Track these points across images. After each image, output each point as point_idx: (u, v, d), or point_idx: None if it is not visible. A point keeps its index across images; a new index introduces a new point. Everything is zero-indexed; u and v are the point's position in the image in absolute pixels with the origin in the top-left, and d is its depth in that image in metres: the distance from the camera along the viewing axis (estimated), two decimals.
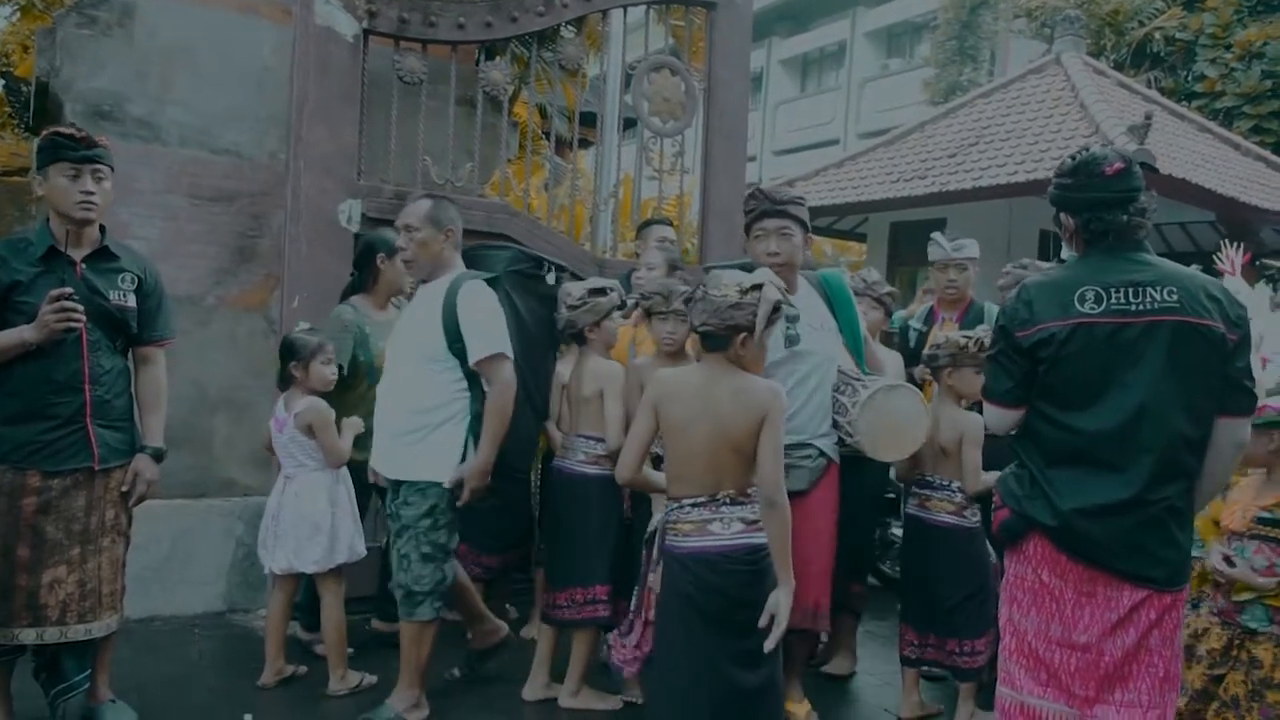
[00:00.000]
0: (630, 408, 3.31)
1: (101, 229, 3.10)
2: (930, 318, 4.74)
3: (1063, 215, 2.47)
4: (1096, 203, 2.37)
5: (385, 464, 3.44)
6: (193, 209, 4.61)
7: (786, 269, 3.31)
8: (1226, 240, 3.74)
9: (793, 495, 2.75)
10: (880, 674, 4.26)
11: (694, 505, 2.59)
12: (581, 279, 3.85)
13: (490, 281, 3.43)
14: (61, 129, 3.01)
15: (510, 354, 3.32)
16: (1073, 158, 2.47)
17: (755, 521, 2.58)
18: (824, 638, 4.17)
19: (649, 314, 3.59)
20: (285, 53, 4.69)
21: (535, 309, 3.73)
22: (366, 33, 4.58)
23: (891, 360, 4.12)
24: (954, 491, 3.64)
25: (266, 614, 3.83)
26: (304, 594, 3.90)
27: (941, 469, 3.67)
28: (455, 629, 3.85)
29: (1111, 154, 2.40)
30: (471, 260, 3.61)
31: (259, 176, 4.75)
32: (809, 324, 3.37)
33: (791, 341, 3.30)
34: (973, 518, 3.64)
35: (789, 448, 2.89)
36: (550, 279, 3.76)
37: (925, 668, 3.80)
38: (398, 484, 3.39)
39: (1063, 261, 2.63)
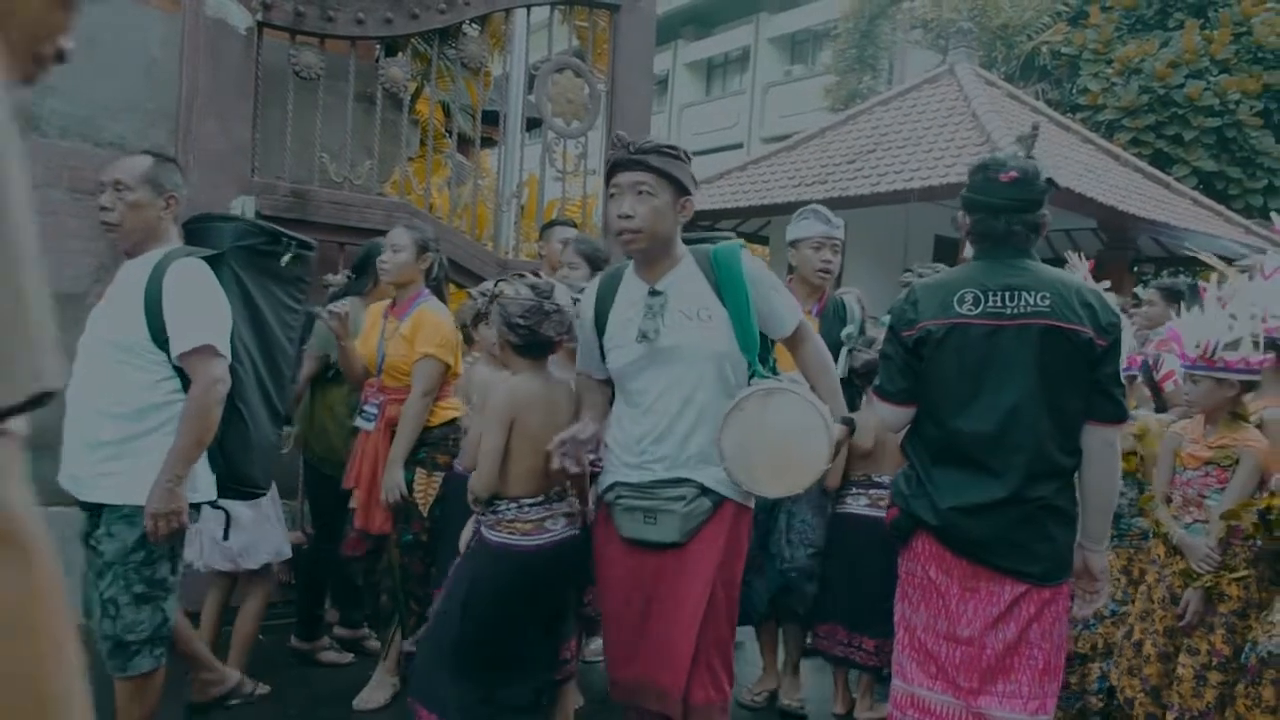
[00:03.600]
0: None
1: None
2: None
3: (960, 213, 2.56)
4: (985, 206, 2.45)
5: (78, 484, 2.69)
6: (74, 203, 4.41)
7: (647, 239, 2.49)
8: (1071, 254, 3.89)
9: (658, 549, 2.51)
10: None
11: (533, 505, 2.74)
12: (484, 278, 3.81)
13: (215, 260, 2.82)
14: None
15: (223, 348, 2.72)
16: (981, 158, 2.57)
17: (573, 514, 2.82)
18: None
19: (478, 318, 3.49)
20: (174, 44, 4.52)
21: (273, 293, 3.11)
22: (260, 25, 4.45)
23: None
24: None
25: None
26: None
27: (888, 467, 3.61)
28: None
29: (1011, 162, 2.48)
30: (190, 235, 3.01)
31: None
32: (680, 311, 2.51)
33: (644, 336, 2.51)
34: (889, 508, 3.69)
35: (651, 486, 2.52)
36: (289, 258, 3.11)
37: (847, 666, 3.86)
38: (95, 510, 2.71)
39: (963, 262, 2.72)
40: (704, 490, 2.49)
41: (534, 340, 2.75)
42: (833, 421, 2.42)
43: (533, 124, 6.42)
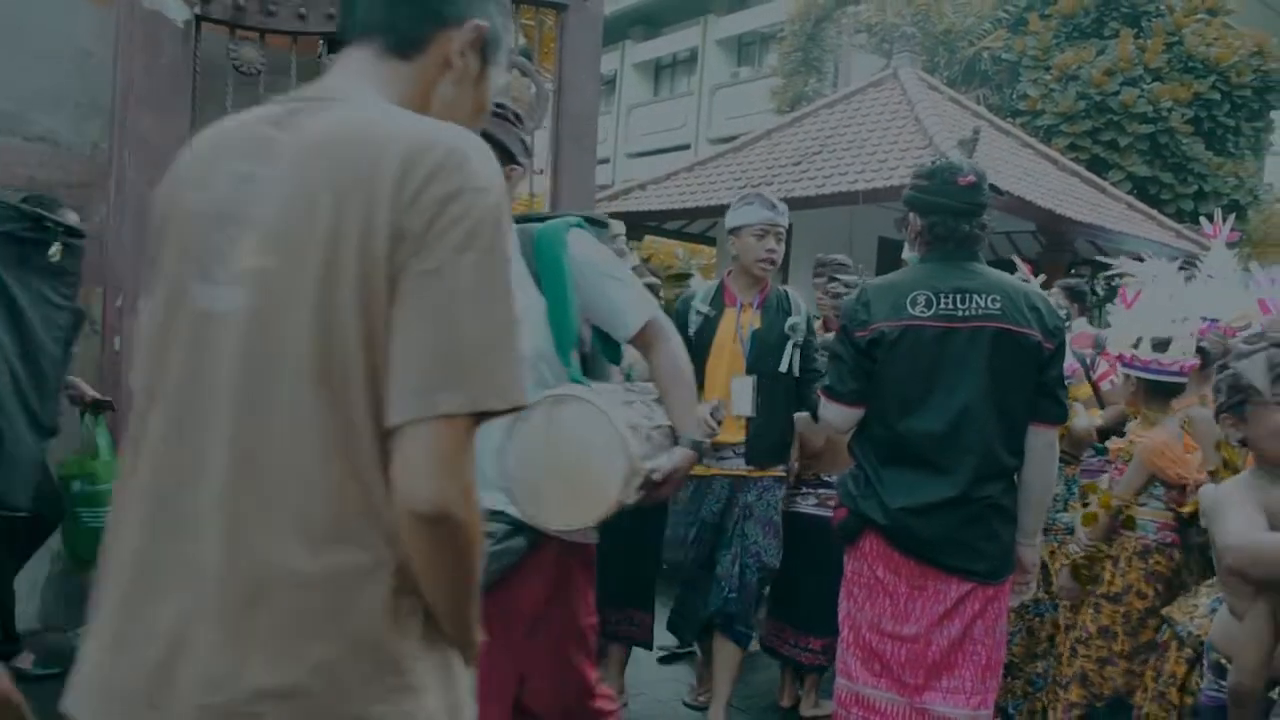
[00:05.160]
0: None
1: None
2: (720, 299, 3.63)
3: (912, 215, 2.58)
4: (945, 209, 2.49)
5: None
6: None
7: None
8: (1017, 259, 3.98)
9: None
10: None
11: None
12: None
13: None
14: None
15: None
16: (933, 162, 2.60)
17: None
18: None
19: None
20: (108, 36, 4.40)
21: (36, 288, 2.77)
22: (199, 19, 4.35)
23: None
24: None
25: None
26: None
27: (836, 467, 3.58)
28: None
29: (967, 166, 2.55)
30: None
31: (78, 166, 4.44)
32: None
33: None
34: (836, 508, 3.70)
35: None
36: (56, 249, 2.74)
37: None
38: None
39: (904, 263, 2.75)
40: (517, 527, 1.95)
41: None
42: (641, 441, 1.90)
43: None
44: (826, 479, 3.74)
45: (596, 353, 2.17)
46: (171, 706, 1.00)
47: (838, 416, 2.61)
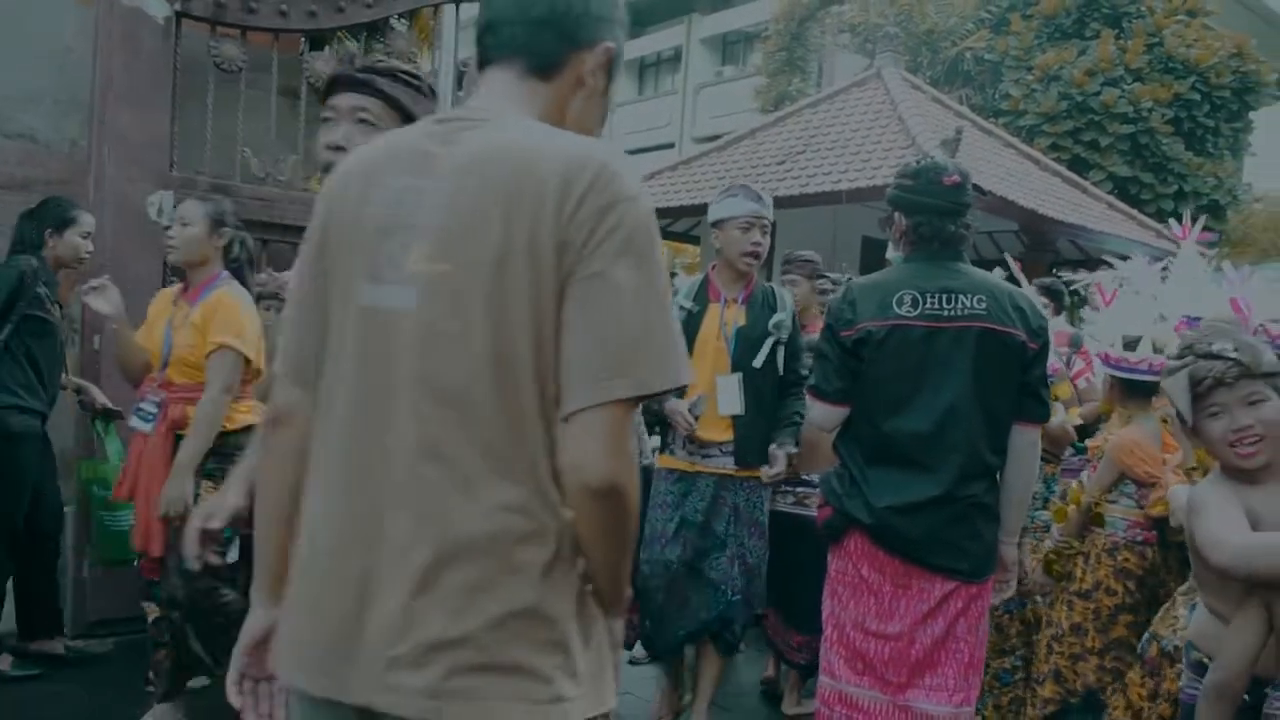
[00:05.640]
0: None
1: None
2: (705, 294, 3.54)
3: (897, 215, 2.58)
4: (930, 208, 2.49)
5: None
6: None
7: None
8: (1009, 257, 4.00)
9: None
10: None
11: None
12: None
13: None
14: None
15: None
16: (917, 162, 2.61)
17: None
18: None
19: None
20: (89, 32, 4.36)
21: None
22: (179, 15, 4.32)
23: None
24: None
25: None
26: None
27: (815, 466, 3.45)
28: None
29: (951, 166, 2.56)
30: None
31: (57, 163, 4.40)
32: None
33: None
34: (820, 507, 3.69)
35: None
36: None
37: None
38: None
39: (888, 263, 2.75)
40: None
41: None
42: None
43: None
44: (805, 478, 3.72)
45: None
46: (361, 657, 1.15)
47: (823, 415, 2.61)
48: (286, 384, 1.32)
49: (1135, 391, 3.15)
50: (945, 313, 2.42)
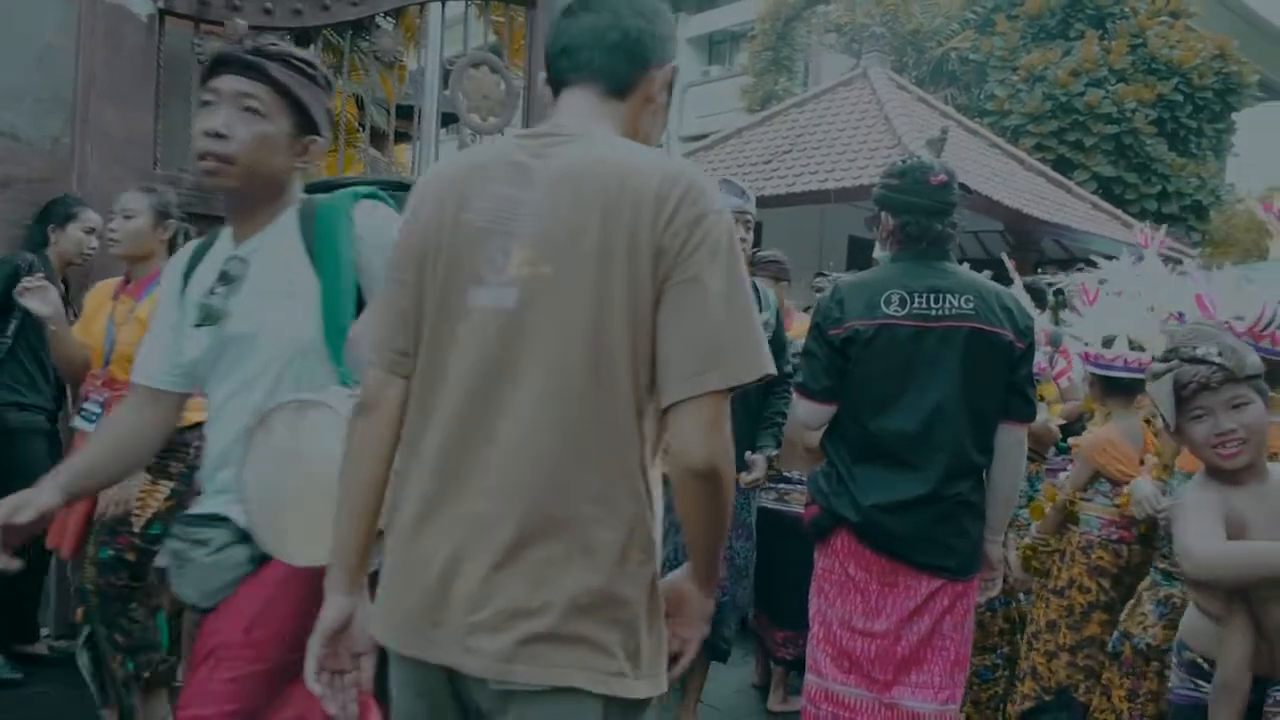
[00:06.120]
0: None
1: None
2: None
3: (883, 215, 2.58)
4: (917, 208, 2.49)
5: None
6: None
7: (242, 175, 1.75)
8: (1005, 257, 4.01)
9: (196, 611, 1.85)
10: None
11: None
12: None
13: None
14: None
15: None
16: (903, 161, 2.60)
17: None
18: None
19: None
20: (71, 29, 4.33)
21: None
22: (162, 13, 4.29)
23: None
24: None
25: None
26: None
27: (796, 463, 3.50)
28: None
29: (938, 165, 2.55)
30: None
31: (40, 161, 4.36)
32: (259, 286, 1.78)
33: (207, 317, 1.79)
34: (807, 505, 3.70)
35: (195, 522, 1.81)
36: None
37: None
38: None
39: (874, 262, 2.75)
40: (241, 536, 1.71)
41: None
42: None
43: (448, 119, 6.32)
44: (786, 474, 3.74)
45: None
46: (446, 622, 1.29)
47: (809, 413, 2.61)
48: (379, 373, 1.41)
49: (1114, 389, 3.17)
50: (933, 312, 2.43)
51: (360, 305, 1.77)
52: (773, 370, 1.32)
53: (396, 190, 1.96)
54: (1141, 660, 2.74)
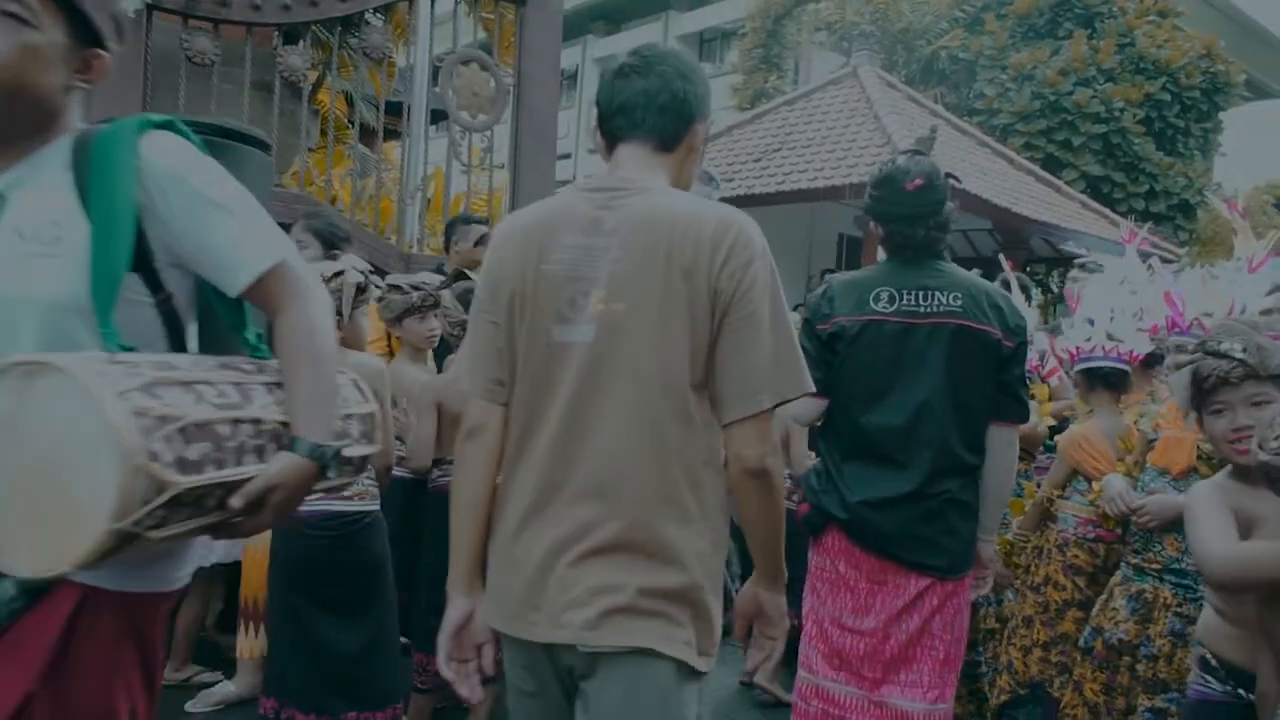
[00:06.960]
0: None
1: None
2: None
3: (873, 222, 2.58)
4: (897, 216, 2.49)
5: None
6: None
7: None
8: (1002, 257, 4.03)
9: None
10: None
11: None
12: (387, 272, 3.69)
13: None
14: None
15: None
16: (880, 169, 2.58)
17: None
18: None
19: (415, 309, 3.24)
20: None
21: None
22: (151, 8, 4.28)
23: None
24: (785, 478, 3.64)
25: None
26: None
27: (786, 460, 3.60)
28: None
29: (914, 169, 2.49)
30: None
31: None
32: (16, 229, 1.35)
33: None
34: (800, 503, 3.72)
35: None
36: None
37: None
38: None
39: (861, 259, 2.76)
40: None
41: None
42: (176, 439, 1.21)
43: (438, 116, 6.31)
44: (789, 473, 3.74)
45: (217, 320, 1.53)
46: (544, 605, 1.54)
47: (803, 407, 2.61)
48: (482, 403, 1.63)
49: (1096, 383, 3.18)
50: (920, 309, 2.43)
51: (141, 254, 1.39)
52: (812, 388, 1.60)
53: (213, 134, 1.98)
54: (1114, 655, 2.75)
